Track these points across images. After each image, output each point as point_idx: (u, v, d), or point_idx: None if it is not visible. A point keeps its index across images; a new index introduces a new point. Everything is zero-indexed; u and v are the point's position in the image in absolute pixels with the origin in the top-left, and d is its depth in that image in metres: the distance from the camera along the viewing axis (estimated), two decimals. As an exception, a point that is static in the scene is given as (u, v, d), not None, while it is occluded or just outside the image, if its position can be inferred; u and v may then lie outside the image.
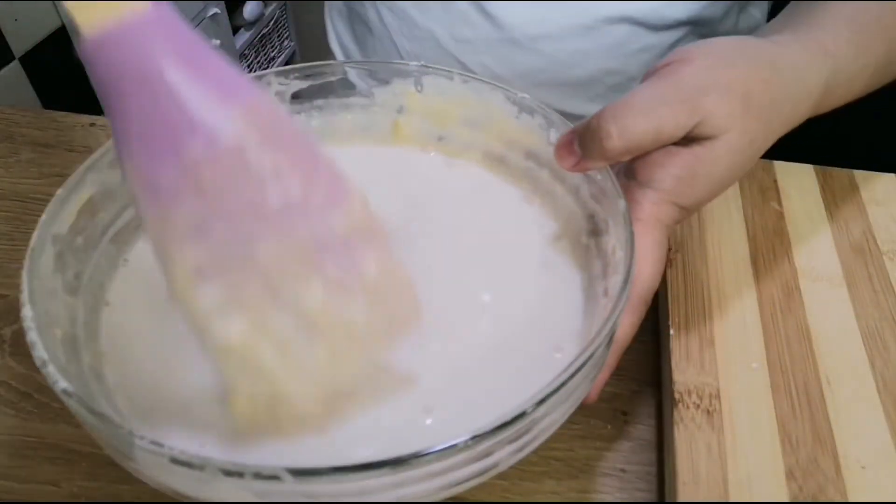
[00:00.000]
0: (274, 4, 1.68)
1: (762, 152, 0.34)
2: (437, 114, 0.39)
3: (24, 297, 0.27)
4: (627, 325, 0.32)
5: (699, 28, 0.55)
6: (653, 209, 0.32)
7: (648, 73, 0.33)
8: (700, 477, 0.32)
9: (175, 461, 0.23)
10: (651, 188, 0.32)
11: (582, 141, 0.32)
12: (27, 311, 0.27)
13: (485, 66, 0.55)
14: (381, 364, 0.29)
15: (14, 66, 1.26)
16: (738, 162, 0.33)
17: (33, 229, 0.30)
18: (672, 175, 0.32)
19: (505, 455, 0.26)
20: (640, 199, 0.33)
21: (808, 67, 0.35)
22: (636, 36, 0.53)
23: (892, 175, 0.47)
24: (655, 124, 0.31)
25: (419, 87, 0.39)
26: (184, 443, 0.28)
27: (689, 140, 0.32)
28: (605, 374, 0.32)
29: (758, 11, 0.60)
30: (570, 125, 0.34)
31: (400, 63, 0.39)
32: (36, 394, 0.38)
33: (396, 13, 0.56)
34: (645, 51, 0.54)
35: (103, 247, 0.34)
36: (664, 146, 0.32)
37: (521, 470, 0.35)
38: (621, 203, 0.31)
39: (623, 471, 0.35)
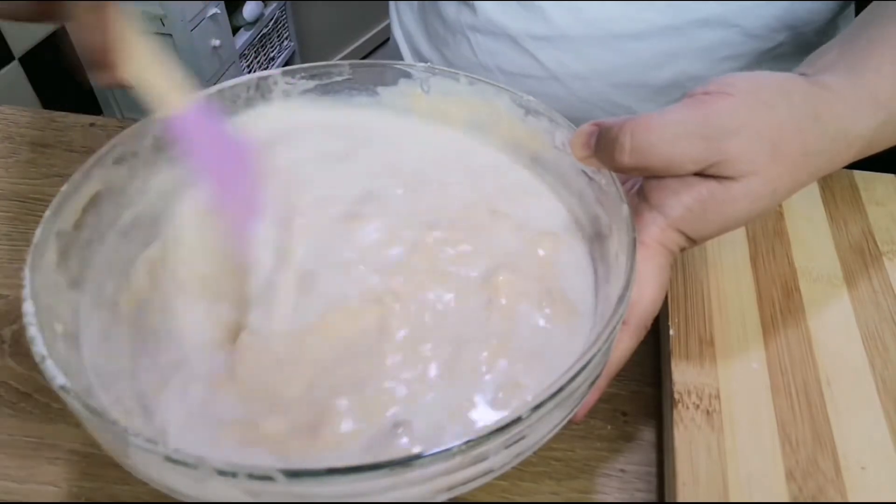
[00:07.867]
0: (274, 4, 1.68)
1: (783, 200, 0.33)
2: (443, 115, 0.39)
3: (26, 292, 0.27)
4: (624, 348, 0.32)
5: (797, 34, 0.51)
6: (659, 234, 0.32)
7: (687, 95, 0.32)
8: (700, 477, 0.32)
9: (169, 460, 0.23)
10: (660, 213, 0.32)
11: (598, 140, 0.32)
12: (28, 307, 0.27)
13: (560, 63, 0.54)
14: None
15: (14, 66, 1.26)
16: (755, 207, 0.32)
17: (33, 229, 0.30)
18: (683, 205, 0.32)
19: (500, 460, 0.26)
20: (649, 223, 0.32)
21: (854, 118, 0.33)
22: (728, 41, 0.51)
23: (891, 175, 0.47)
24: (670, 154, 0.30)
25: (426, 89, 0.39)
26: (192, 442, 0.28)
27: (708, 174, 0.31)
28: (594, 395, 0.32)
29: None
30: (576, 129, 0.34)
31: (405, 64, 0.39)
32: (36, 394, 0.38)
33: (473, 7, 0.54)
34: (735, 58, 0.51)
35: (110, 243, 0.34)
36: (679, 175, 0.31)
37: (521, 470, 0.35)
38: (625, 208, 0.31)
39: (623, 471, 0.36)
